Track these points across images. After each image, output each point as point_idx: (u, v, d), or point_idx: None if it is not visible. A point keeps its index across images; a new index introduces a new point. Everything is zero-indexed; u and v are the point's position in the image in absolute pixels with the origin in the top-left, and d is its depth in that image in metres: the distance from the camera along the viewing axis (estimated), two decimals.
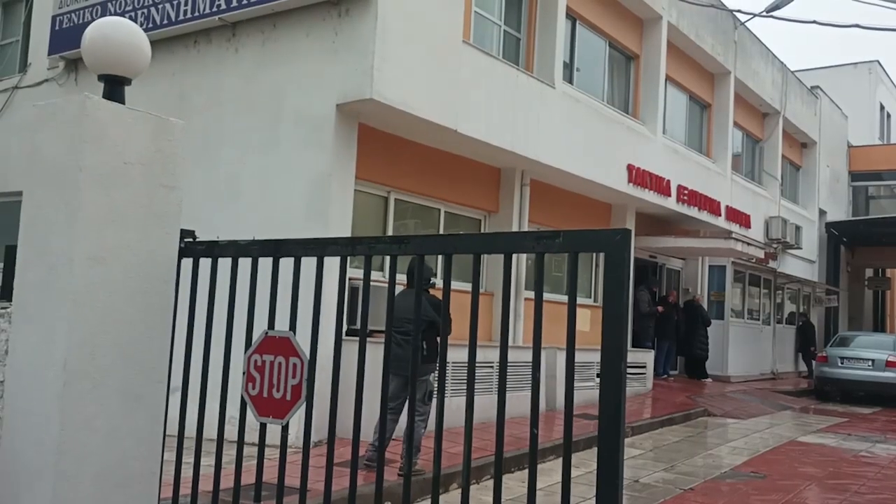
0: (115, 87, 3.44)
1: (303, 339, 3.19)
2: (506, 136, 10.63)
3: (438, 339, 7.12)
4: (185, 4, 9.84)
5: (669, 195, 14.96)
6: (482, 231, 11.99)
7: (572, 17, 12.89)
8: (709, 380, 17.17)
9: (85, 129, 3.19)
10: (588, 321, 12.59)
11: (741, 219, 18.31)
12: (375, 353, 3.50)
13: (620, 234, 2.47)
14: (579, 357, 3.76)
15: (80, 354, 3.12)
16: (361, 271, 3.93)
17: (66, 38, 11.42)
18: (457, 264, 2.92)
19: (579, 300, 11.96)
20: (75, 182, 3.19)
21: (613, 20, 14.11)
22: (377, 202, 10.24)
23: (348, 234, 8.86)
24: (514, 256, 3.02)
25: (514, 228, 11.85)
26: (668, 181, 14.87)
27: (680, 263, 18.51)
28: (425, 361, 7.00)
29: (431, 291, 7.07)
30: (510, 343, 10.89)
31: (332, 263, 3.16)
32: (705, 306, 17.75)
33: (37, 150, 3.41)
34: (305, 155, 8.81)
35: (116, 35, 3.41)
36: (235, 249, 3.44)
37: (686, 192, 15.57)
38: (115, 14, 10.63)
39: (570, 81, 12.88)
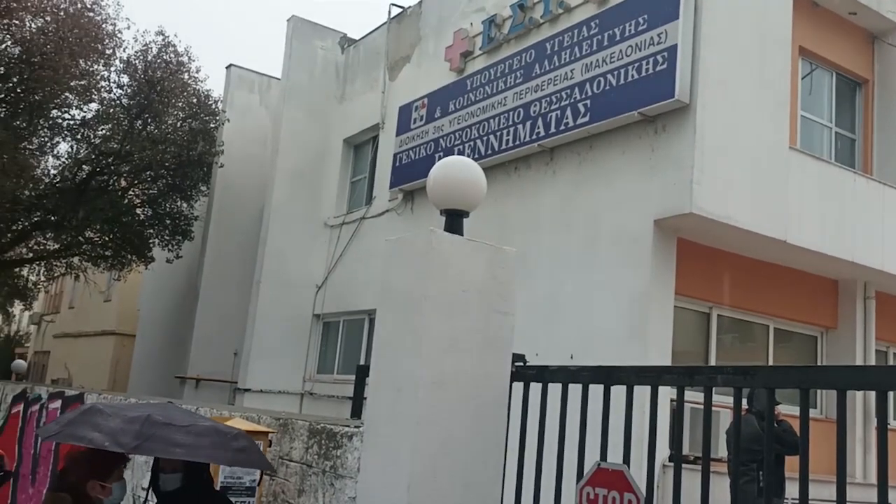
0: (455, 220, 3.70)
1: (635, 471, 3.03)
2: (843, 245, 9.67)
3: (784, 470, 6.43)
4: (507, 135, 10.54)
5: None
6: (818, 350, 10.87)
7: None
8: None
9: (430, 260, 3.45)
10: None
11: None
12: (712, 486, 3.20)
13: None
14: None
15: (422, 477, 3.26)
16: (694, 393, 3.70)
17: (404, 172, 12.79)
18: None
19: None
20: (421, 309, 3.43)
21: None
22: (698, 318, 9.76)
23: (668, 353, 8.52)
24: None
25: (858, 347, 10.59)
26: None
27: None
28: (769, 495, 6.30)
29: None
30: (855, 478, 9.52)
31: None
32: None
33: (387, 279, 3.74)
34: (623, 272, 8.74)
35: (458, 174, 3.69)
36: (565, 375, 3.42)
37: None
38: (446, 148, 11.70)
39: None
